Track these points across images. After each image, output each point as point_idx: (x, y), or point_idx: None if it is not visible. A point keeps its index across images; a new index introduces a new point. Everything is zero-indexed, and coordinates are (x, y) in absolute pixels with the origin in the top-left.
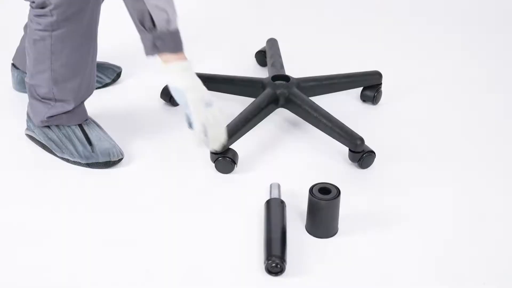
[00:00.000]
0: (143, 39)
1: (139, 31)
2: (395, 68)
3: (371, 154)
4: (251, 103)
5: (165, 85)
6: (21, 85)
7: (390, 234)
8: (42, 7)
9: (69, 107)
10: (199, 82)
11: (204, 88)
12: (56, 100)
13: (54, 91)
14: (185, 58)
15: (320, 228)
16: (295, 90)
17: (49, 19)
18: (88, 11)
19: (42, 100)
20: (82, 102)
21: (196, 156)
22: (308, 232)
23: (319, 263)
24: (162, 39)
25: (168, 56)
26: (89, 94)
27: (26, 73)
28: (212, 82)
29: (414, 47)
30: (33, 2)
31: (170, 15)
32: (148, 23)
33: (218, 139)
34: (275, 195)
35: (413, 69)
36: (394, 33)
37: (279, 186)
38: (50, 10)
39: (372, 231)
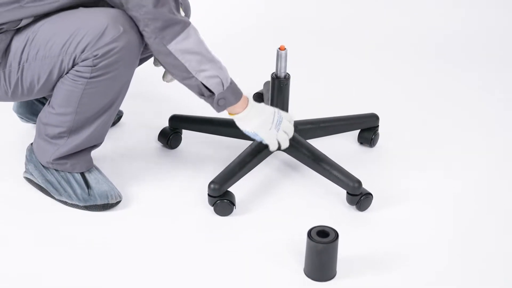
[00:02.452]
0: (208, 103)
1: (201, 98)
2: (392, 111)
3: (368, 196)
4: (249, 146)
5: (163, 127)
6: (23, 108)
7: (388, 278)
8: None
9: (78, 147)
10: (262, 114)
11: (268, 113)
12: (67, 138)
13: (69, 132)
14: (245, 99)
15: (318, 271)
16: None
17: (89, 68)
18: (128, 61)
19: (51, 140)
20: (90, 150)
21: (195, 199)
22: (306, 275)
23: None
24: (223, 98)
25: (232, 108)
26: (100, 141)
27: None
28: (210, 125)
29: (411, 89)
30: (96, 56)
31: (222, 76)
32: (206, 93)
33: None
34: None
35: (410, 111)
36: (392, 75)
37: None
38: (93, 60)
39: (370, 274)
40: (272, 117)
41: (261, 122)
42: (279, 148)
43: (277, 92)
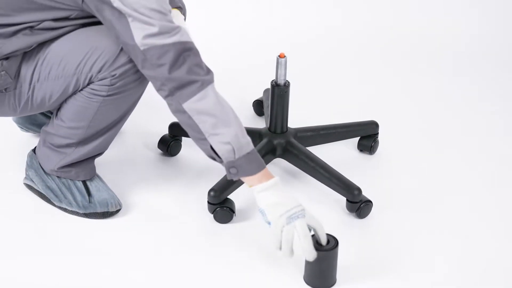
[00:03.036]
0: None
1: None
2: (392, 118)
3: (368, 203)
4: None
5: (163, 135)
6: (22, 118)
7: (388, 285)
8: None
9: (84, 157)
10: (283, 197)
11: (291, 201)
12: (75, 148)
13: (78, 143)
14: (268, 176)
15: (318, 278)
16: (292, 140)
17: (106, 87)
18: (143, 79)
19: (57, 149)
20: (94, 158)
21: (194, 206)
22: (306, 282)
23: None
24: (234, 167)
25: (248, 178)
26: (104, 150)
27: None
28: None
29: (411, 96)
30: (114, 76)
31: (235, 144)
32: (217, 158)
33: (295, 252)
34: None
35: (410, 118)
36: (392, 82)
37: None
38: (110, 80)
39: (370, 281)
40: (290, 207)
41: (274, 204)
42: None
43: (277, 99)
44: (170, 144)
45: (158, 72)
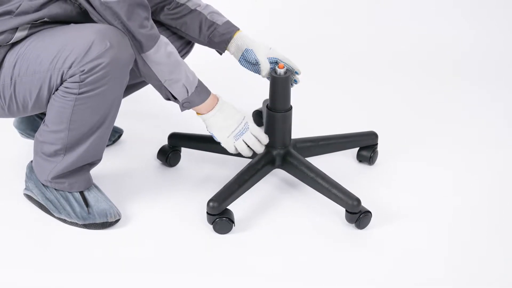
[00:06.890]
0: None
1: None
2: (391, 128)
3: (367, 214)
4: (248, 163)
5: (162, 145)
6: (24, 124)
7: None
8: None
9: (74, 164)
10: (227, 120)
11: (234, 122)
12: (64, 156)
13: (65, 149)
14: (213, 100)
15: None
16: (292, 150)
17: (77, 84)
18: (115, 76)
19: (48, 158)
20: (88, 168)
21: (194, 217)
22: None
23: None
24: (188, 101)
25: (197, 108)
26: (97, 158)
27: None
28: (209, 143)
29: (411, 107)
30: (83, 72)
31: (187, 83)
32: (172, 98)
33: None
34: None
35: (410, 129)
36: (391, 93)
37: None
38: (80, 75)
39: None
40: (235, 126)
41: (221, 128)
42: (239, 155)
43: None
44: (169, 154)
45: (116, 23)
